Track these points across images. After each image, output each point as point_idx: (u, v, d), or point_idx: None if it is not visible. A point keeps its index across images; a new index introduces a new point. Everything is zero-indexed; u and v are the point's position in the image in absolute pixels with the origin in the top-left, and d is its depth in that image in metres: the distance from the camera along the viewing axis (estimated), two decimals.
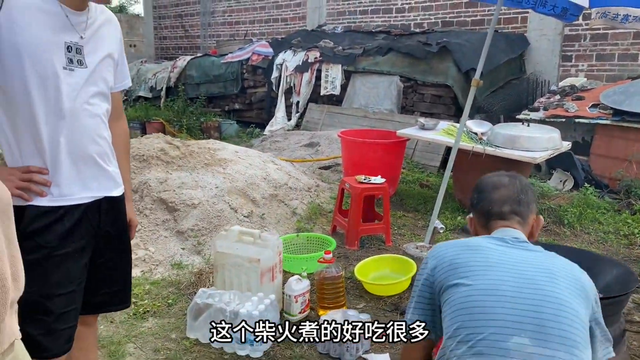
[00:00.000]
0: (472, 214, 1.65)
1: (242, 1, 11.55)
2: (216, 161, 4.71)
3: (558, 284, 1.33)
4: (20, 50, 1.45)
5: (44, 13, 1.51)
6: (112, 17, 1.77)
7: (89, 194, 1.65)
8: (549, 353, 1.23)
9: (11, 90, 1.50)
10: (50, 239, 1.54)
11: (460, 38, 7.12)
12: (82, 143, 1.60)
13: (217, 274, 3.05)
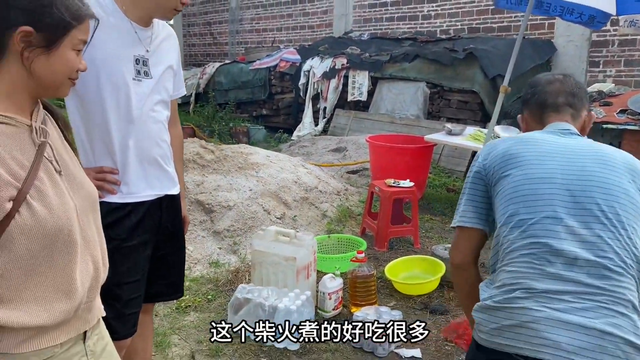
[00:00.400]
0: (524, 112, 1.68)
1: (270, 9, 11.79)
2: (249, 165, 4.88)
3: (609, 169, 1.39)
4: (97, 63, 1.63)
5: (116, 29, 1.69)
6: (172, 32, 1.95)
7: (152, 192, 1.82)
8: (596, 234, 1.31)
9: (87, 98, 1.68)
10: (119, 233, 1.72)
11: (487, 44, 7.19)
12: (147, 146, 1.78)
13: (254, 272, 3.21)
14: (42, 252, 1.11)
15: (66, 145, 1.29)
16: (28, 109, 1.17)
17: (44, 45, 1.12)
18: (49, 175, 1.15)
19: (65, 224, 1.14)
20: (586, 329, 1.24)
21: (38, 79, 1.14)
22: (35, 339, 1.13)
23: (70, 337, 1.20)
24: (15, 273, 1.10)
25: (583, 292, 1.28)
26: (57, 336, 1.17)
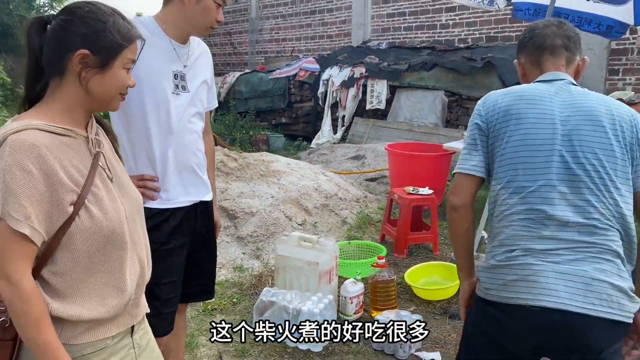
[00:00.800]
0: (520, 57, 1.75)
1: (289, 19, 11.97)
2: (271, 172, 5.01)
3: (597, 130, 1.52)
4: (140, 78, 1.76)
5: (157, 47, 1.82)
6: (206, 48, 2.08)
7: (189, 198, 1.95)
8: (585, 198, 1.48)
9: (130, 112, 1.81)
10: (159, 236, 1.83)
11: (505, 53, 7.24)
12: (185, 155, 1.91)
13: (278, 276, 3.31)
14: (98, 251, 1.24)
15: (115, 155, 1.42)
16: (84, 122, 1.30)
17: (99, 66, 1.24)
18: (103, 181, 1.28)
19: (117, 226, 1.27)
20: (578, 276, 1.43)
21: (93, 95, 1.27)
22: (91, 331, 1.25)
23: (120, 330, 1.32)
24: (74, 271, 1.22)
25: (575, 247, 1.46)
26: (110, 329, 1.29)
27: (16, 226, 1.12)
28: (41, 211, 1.15)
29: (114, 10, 1.28)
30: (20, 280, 1.14)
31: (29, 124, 1.17)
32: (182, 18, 1.86)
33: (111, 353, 1.30)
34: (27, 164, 1.13)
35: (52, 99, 1.25)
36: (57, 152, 1.18)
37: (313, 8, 11.37)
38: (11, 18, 14.86)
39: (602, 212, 1.48)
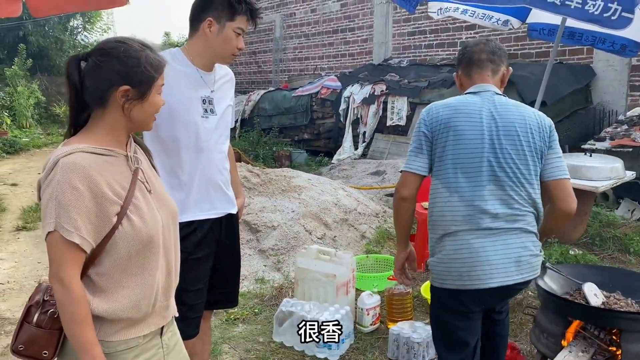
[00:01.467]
0: (458, 71, 2.17)
1: (312, 38, 12.24)
2: (292, 188, 5.17)
3: (514, 141, 1.98)
4: (172, 104, 1.95)
5: (186, 75, 2.02)
6: (230, 72, 2.28)
7: (215, 211, 2.13)
8: (507, 193, 1.97)
9: (162, 134, 2.00)
10: (187, 246, 2.01)
11: (524, 70, 7.31)
12: (211, 173, 2.10)
13: (297, 287, 3.45)
14: (137, 255, 1.41)
15: (152, 169, 1.59)
16: (124, 142, 1.49)
17: (139, 97, 1.42)
18: (142, 194, 1.46)
19: (154, 234, 1.44)
20: (511, 257, 1.97)
21: (134, 121, 1.46)
22: (125, 330, 1.42)
23: (151, 330, 1.48)
24: (115, 272, 1.40)
25: (505, 233, 1.97)
26: (142, 329, 1.45)
27: (68, 236, 1.30)
28: (89, 222, 1.33)
29: (143, 44, 1.46)
30: (71, 283, 1.32)
31: (77, 147, 1.36)
32: (206, 49, 2.06)
33: (142, 351, 1.46)
34: (76, 182, 1.31)
35: (96, 125, 1.43)
36: (102, 170, 1.36)
37: (335, 27, 11.61)
38: (47, 40, 15.51)
39: (520, 202, 1.99)
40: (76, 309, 1.33)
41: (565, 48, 7.83)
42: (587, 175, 4.53)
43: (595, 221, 5.20)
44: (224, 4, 2.00)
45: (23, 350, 1.41)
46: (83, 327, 1.34)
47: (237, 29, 2.04)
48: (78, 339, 1.34)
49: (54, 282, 1.34)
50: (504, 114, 2.00)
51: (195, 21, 2.06)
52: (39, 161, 9.92)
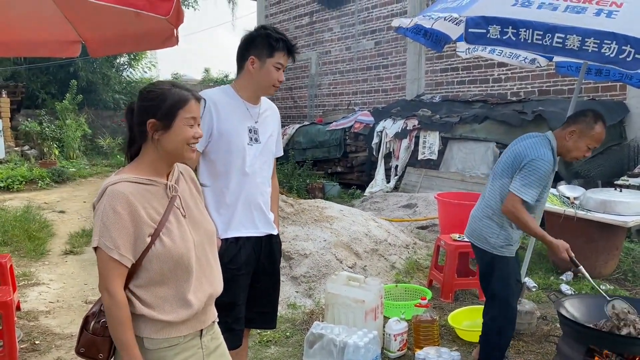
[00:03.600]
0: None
1: (346, 74, 12.61)
2: (324, 218, 5.35)
3: (502, 161, 2.95)
4: (224, 132, 2.25)
5: (235, 107, 2.32)
6: (273, 106, 2.55)
7: (256, 230, 2.37)
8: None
9: (217, 159, 2.28)
10: (235, 263, 2.29)
11: (556, 106, 7.39)
12: (255, 195, 2.35)
13: (327, 312, 3.59)
14: (169, 271, 1.64)
15: (194, 194, 1.81)
16: (165, 172, 1.73)
17: (164, 128, 1.65)
18: (176, 218, 1.69)
19: (185, 253, 1.66)
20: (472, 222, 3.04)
21: (165, 150, 1.68)
22: (166, 329, 1.65)
23: (190, 332, 1.69)
24: (151, 284, 1.63)
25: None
26: (181, 330, 1.67)
27: (109, 252, 1.56)
28: (128, 241, 1.57)
29: (172, 83, 1.73)
30: (116, 292, 1.57)
31: (123, 177, 1.63)
32: (251, 83, 2.35)
33: (182, 349, 1.67)
34: (118, 207, 1.57)
35: (142, 158, 1.70)
36: (140, 197, 1.61)
37: (369, 65, 11.95)
38: (95, 75, 16.38)
39: (487, 195, 3.03)
40: (119, 313, 1.57)
41: (598, 85, 7.89)
42: (616, 210, 4.57)
43: (628, 257, 5.18)
44: (264, 44, 2.29)
45: (84, 353, 1.68)
46: (124, 329, 1.58)
47: (277, 64, 2.31)
48: (120, 338, 1.58)
49: (102, 290, 1.59)
50: (511, 145, 3.09)
51: (240, 60, 2.37)
52: (85, 190, 10.43)
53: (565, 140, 2.84)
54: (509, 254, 2.95)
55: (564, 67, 4.85)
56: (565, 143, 2.84)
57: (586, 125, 2.78)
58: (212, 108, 2.27)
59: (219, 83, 21.75)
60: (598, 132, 2.78)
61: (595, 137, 2.79)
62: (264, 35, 2.30)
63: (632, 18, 2.64)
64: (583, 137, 2.79)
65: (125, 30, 3.60)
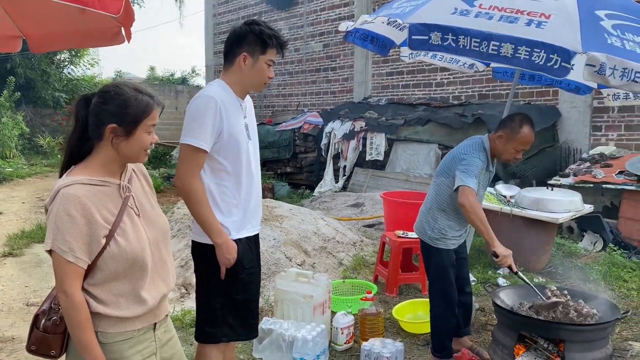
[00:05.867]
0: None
1: (295, 76, 12.71)
2: (274, 217, 5.42)
3: (447, 159, 3.16)
4: (233, 134, 2.26)
5: (234, 105, 2.31)
6: (249, 98, 2.53)
7: (258, 227, 2.47)
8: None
9: (230, 160, 2.28)
10: (249, 261, 2.37)
11: (495, 110, 7.77)
12: (258, 192, 2.42)
13: (277, 308, 3.67)
14: (124, 271, 1.67)
15: (146, 191, 1.84)
16: (118, 172, 1.74)
17: (125, 134, 1.66)
18: (130, 218, 1.70)
19: (139, 253, 1.69)
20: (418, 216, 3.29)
21: (122, 155, 1.70)
22: (120, 324, 1.68)
23: (144, 326, 1.73)
24: (106, 282, 1.65)
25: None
26: (135, 324, 1.71)
27: (64, 255, 1.57)
28: (83, 243, 1.58)
29: (136, 88, 1.71)
30: (72, 294, 1.59)
31: (76, 179, 1.62)
32: (242, 80, 2.33)
33: (136, 342, 1.71)
34: (71, 210, 1.57)
35: (94, 157, 1.69)
36: (94, 199, 1.62)
37: (318, 67, 12.10)
38: (34, 72, 15.72)
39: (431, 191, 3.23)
40: (78, 315, 1.59)
41: (533, 90, 8.35)
42: (548, 208, 4.88)
43: (559, 252, 5.53)
44: (257, 40, 2.27)
45: (35, 350, 1.69)
46: (84, 330, 1.59)
47: (269, 60, 2.30)
48: (80, 339, 1.60)
49: (59, 293, 1.60)
50: (458, 146, 3.21)
51: (230, 55, 2.32)
52: (23, 191, 10.03)
53: (496, 144, 3.04)
54: (444, 247, 3.15)
55: (500, 73, 5.15)
56: (496, 146, 3.04)
57: (512, 130, 2.97)
58: (222, 110, 2.23)
59: (164, 82, 21.33)
60: (523, 135, 2.96)
61: (522, 141, 2.97)
62: (257, 31, 2.26)
63: (559, 29, 2.87)
64: (510, 141, 2.98)
65: (70, 26, 3.55)
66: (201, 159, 2.24)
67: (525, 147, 3.00)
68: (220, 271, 2.28)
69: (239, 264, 2.30)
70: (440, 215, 3.14)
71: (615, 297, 4.61)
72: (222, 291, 2.33)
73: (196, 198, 2.23)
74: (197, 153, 2.22)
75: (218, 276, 2.29)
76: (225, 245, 2.25)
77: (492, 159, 3.13)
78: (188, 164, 2.23)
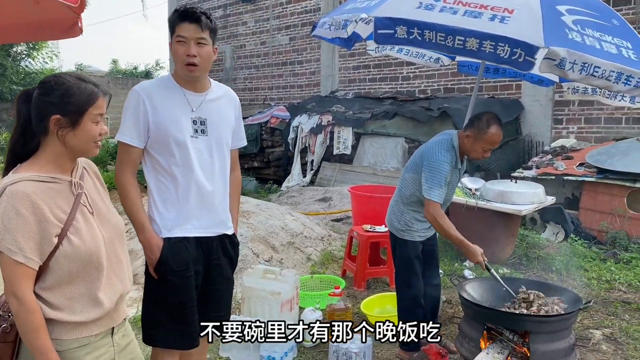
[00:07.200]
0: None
1: (262, 69, 12.59)
2: (240, 213, 5.31)
3: (415, 157, 3.17)
4: (161, 126, 2.13)
5: (172, 98, 2.17)
6: (230, 92, 2.36)
7: (205, 230, 2.23)
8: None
9: (156, 151, 2.15)
10: (180, 264, 2.17)
11: (460, 103, 7.86)
12: (204, 192, 2.20)
13: (244, 305, 3.62)
14: (77, 271, 1.59)
15: (99, 190, 1.76)
16: (69, 168, 1.65)
17: (70, 125, 1.58)
18: (83, 216, 1.62)
19: (95, 251, 1.61)
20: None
21: (70, 147, 1.61)
22: (76, 330, 1.60)
23: (101, 330, 1.65)
24: (59, 286, 1.57)
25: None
26: (92, 329, 1.63)
27: (14, 256, 1.48)
28: (33, 243, 1.50)
29: (79, 77, 1.63)
30: (23, 296, 1.49)
31: (23, 176, 1.53)
32: (176, 66, 2.17)
33: (93, 348, 1.63)
34: (21, 208, 1.48)
35: (42, 153, 1.60)
36: (45, 196, 1.53)
37: (285, 60, 12.01)
38: None
39: (402, 185, 3.21)
40: (30, 318, 1.50)
41: (497, 84, 8.48)
42: (512, 200, 4.96)
43: (522, 243, 5.63)
44: (168, 23, 2.15)
45: None
46: (38, 335, 1.51)
47: (177, 37, 2.09)
48: (34, 344, 1.51)
49: (9, 296, 1.51)
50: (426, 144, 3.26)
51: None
52: None
53: (464, 143, 3.05)
54: (410, 238, 3.18)
55: (465, 66, 5.19)
56: (465, 145, 3.05)
57: (479, 129, 2.98)
58: (145, 101, 2.11)
59: (127, 75, 20.86)
60: (490, 135, 2.96)
61: (489, 140, 2.98)
62: (170, 16, 2.15)
63: (521, 24, 2.90)
64: (477, 140, 2.99)
65: (23, 18, 3.39)
66: (131, 153, 2.14)
67: (493, 146, 3.02)
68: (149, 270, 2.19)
69: (163, 264, 2.14)
70: (407, 209, 3.18)
71: (576, 287, 4.74)
72: (153, 292, 2.21)
73: (123, 193, 2.16)
74: (125, 148, 2.14)
75: (151, 275, 2.19)
76: (147, 243, 2.14)
77: (462, 157, 3.14)
78: (118, 159, 2.19)
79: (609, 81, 2.83)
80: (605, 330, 3.79)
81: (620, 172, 5.87)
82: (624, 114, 7.31)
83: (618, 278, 4.85)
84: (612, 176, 5.95)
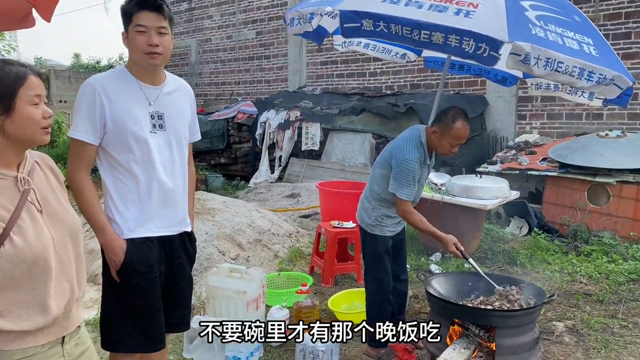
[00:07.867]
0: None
1: (228, 64, 12.40)
2: (206, 210, 5.24)
3: (383, 155, 3.16)
4: (119, 122, 2.03)
5: (129, 91, 2.07)
6: (183, 85, 2.26)
7: (169, 229, 2.16)
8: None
9: (112, 148, 2.05)
10: (146, 265, 2.10)
11: (426, 99, 7.91)
12: (166, 190, 2.13)
13: (209, 305, 3.53)
14: (22, 274, 1.44)
15: (53, 185, 1.62)
16: (15, 163, 1.52)
17: (4, 112, 1.46)
18: (30, 214, 1.49)
19: (41, 253, 1.47)
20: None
21: (13, 137, 1.49)
22: (21, 339, 1.46)
23: (49, 340, 1.51)
24: (1, 291, 1.43)
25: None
26: (39, 339, 1.49)
27: None
28: None
29: (3, 61, 1.52)
30: None
31: None
32: (132, 58, 2.08)
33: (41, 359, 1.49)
34: None
35: None
36: None
37: (251, 54, 11.86)
38: None
39: (371, 181, 3.23)
40: None
41: (462, 80, 8.58)
42: (477, 195, 5.01)
43: (487, 237, 5.71)
44: (122, 13, 2.05)
45: None
46: None
47: (137, 26, 2.01)
48: None
49: None
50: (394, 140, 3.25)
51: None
52: None
53: (431, 139, 3.03)
54: (380, 233, 3.17)
55: (431, 62, 5.20)
56: (432, 141, 3.03)
57: (445, 125, 2.96)
58: (101, 94, 1.99)
59: (89, 69, 20.28)
60: (457, 130, 2.95)
61: (455, 136, 2.96)
62: (122, 5, 2.05)
63: (486, 19, 2.90)
64: (444, 136, 2.97)
65: None
66: (85, 151, 2.04)
67: (460, 142, 3.01)
68: (111, 273, 2.09)
69: (128, 267, 2.06)
70: (377, 204, 3.17)
71: (539, 280, 4.82)
72: (116, 295, 2.11)
73: (78, 193, 2.05)
74: (78, 145, 2.03)
75: (112, 278, 2.09)
76: (109, 245, 2.05)
77: (430, 152, 3.13)
78: (71, 157, 2.07)
79: (572, 77, 2.86)
80: (567, 322, 3.86)
81: (581, 167, 6.00)
82: (584, 110, 7.49)
83: (579, 270, 4.96)
84: (574, 170, 6.08)
